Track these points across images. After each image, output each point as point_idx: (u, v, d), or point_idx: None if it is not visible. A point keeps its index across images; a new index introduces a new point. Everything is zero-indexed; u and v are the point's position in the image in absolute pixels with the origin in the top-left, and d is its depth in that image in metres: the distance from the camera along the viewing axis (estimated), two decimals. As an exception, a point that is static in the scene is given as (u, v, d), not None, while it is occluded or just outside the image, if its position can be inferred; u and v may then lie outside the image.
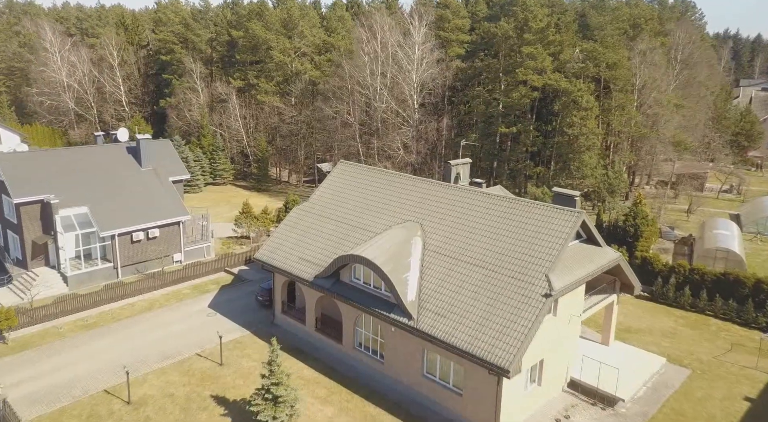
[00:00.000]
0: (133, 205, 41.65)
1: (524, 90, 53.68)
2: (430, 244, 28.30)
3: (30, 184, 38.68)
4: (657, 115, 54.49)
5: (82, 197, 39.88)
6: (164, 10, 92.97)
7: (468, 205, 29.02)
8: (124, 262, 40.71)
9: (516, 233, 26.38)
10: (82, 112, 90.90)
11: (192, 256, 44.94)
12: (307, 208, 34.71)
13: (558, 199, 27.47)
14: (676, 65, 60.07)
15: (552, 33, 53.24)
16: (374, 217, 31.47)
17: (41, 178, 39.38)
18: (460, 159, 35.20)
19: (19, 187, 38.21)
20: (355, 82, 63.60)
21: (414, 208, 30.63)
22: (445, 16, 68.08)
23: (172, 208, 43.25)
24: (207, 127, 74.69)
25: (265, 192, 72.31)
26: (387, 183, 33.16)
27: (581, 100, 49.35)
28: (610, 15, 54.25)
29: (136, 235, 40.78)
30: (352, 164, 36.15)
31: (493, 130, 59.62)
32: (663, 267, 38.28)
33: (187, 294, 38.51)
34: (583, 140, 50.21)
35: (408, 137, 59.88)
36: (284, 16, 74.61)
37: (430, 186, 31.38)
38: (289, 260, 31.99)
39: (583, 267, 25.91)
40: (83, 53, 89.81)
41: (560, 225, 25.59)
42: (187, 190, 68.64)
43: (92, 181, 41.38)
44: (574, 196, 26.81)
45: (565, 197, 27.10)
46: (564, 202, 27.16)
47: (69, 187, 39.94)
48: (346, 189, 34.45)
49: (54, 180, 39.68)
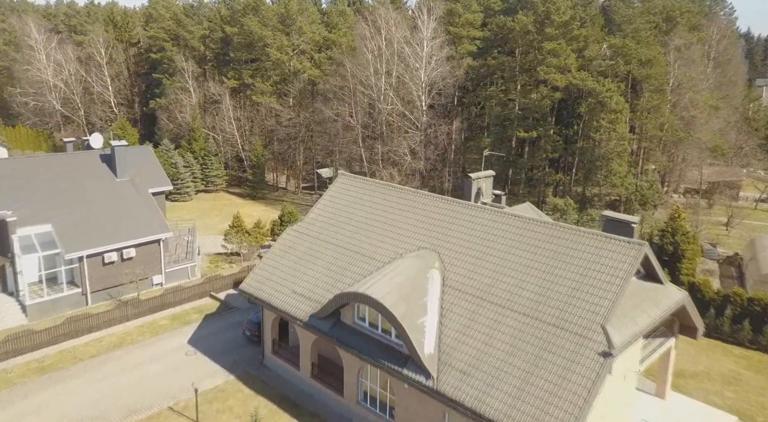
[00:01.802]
0: (106, 222, 36.53)
1: (545, 90, 48.47)
2: (450, 279, 23.14)
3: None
4: (692, 118, 49.24)
5: (46, 213, 34.79)
6: (155, 6, 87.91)
7: (496, 230, 23.84)
8: (95, 287, 35.61)
9: (559, 268, 21.20)
10: (69, 114, 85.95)
11: (174, 278, 39.81)
12: (302, 229, 29.56)
13: (610, 226, 22.26)
14: (709, 63, 54.80)
15: (577, 27, 48.01)
16: (382, 242, 26.33)
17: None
18: (481, 172, 30.01)
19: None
20: (357, 82, 58.46)
21: (429, 232, 25.48)
22: (455, 10, 62.92)
23: (151, 224, 38.15)
24: (199, 129, 69.58)
25: (261, 200, 67.20)
26: (396, 200, 28.01)
27: (610, 102, 44.12)
28: (640, 7, 49.02)
29: (109, 256, 35.67)
30: (355, 177, 30.98)
31: (508, 134, 54.47)
32: (715, 295, 33.06)
33: (165, 326, 33.36)
34: (613, 146, 44.98)
35: (416, 142, 54.72)
36: (281, 11, 69.46)
37: (449, 205, 26.22)
38: (280, 293, 26.85)
39: (644, 312, 20.72)
40: (69, 52, 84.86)
41: (616, 260, 20.40)
42: (176, 199, 63.77)
43: (58, 194, 36.28)
44: (632, 222, 21.61)
45: (619, 224, 21.90)
46: (617, 229, 21.97)
47: (30, 201, 34.87)
48: (347, 206, 29.31)
49: (12, 193, 34.60)
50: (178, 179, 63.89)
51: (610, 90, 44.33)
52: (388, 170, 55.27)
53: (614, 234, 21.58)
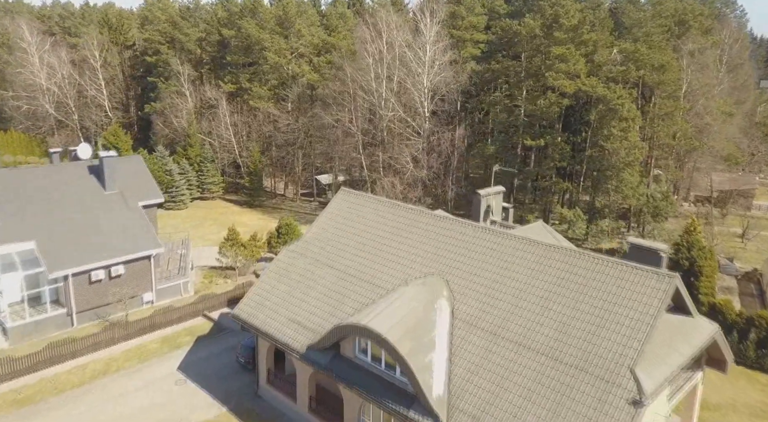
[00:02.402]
0: (93, 238, 34.61)
1: (553, 97, 46.52)
2: (460, 311, 21.25)
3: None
4: (705, 125, 47.34)
5: (29, 229, 32.86)
6: (151, 8, 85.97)
7: (510, 257, 21.94)
8: (81, 307, 33.70)
9: (582, 302, 19.31)
10: (62, 118, 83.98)
11: (166, 295, 37.90)
12: (299, 249, 27.66)
13: (635, 254, 20.37)
14: (721, 67, 52.89)
15: (586, 31, 46.08)
16: (385, 266, 24.43)
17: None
18: (490, 188, 28.12)
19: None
20: (357, 87, 56.56)
21: (437, 257, 23.58)
22: (458, 12, 60.97)
23: (141, 240, 36.23)
24: (194, 135, 67.67)
25: (258, 207, 65.29)
26: (400, 219, 26.11)
27: (622, 109, 42.22)
28: (651, 10, 47.09)
29: (96, 274, 33.75)
30: (356, 193, 29.08)
31: (514, 141, 52.53)
32: (737, 317, 31.18)
33: (154, 350, 31.45)
34: (624, 155, 43.08)
35: (418, 149, 52.81)
36: (280, 14, 67.53)
37: (458, 226, 24.31)
38: (275, 321, 24.95)
39: (675, 350, 18.85)
40: (63, 55, 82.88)
41: (645, 294, 18.52)
42: (171, 207, 61.91)
43: (43, 209, 34.36)
44: (660, 251, 19.72)
45: (646, 252, 20.01)
46: (643, 257, 20.09)
47: (12, 217, 32.97)
48: (348, 225, 27.41)
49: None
50: (173, 186, 62.05)
51: (622, 97, 42.44)
52: (389, 178, 53.41)
53: (640, 262, 19.71)
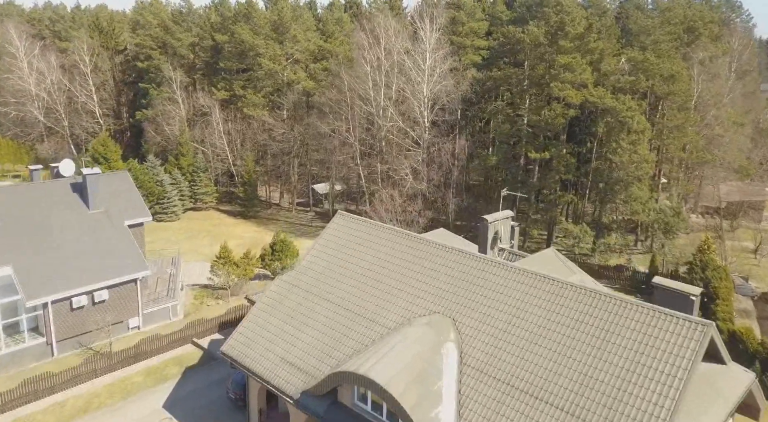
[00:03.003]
0: (75, 261, 32.65)
1: (558, 107, 44.71)
2: (469, 356, 19.38)
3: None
4: (716, 137, 45.63)
5: (5, 254, 30.86)
6: (143, 12, 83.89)
7: (525, 295, 20.07)
8: (62, 336, 31.73)
9: (605, 351, 17.46)
10: (52, 125, 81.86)
11: (153, 320, 35.94)
12: (294, 279, 25.74)
13: (662, 297, 18.55)
14: (730, 75, 51.19)
15: (593, 39, 44.29)
16: (386, 301, 22.56)
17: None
18: (498, 213, 26.24)
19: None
20: (354, 95, 54.70)
21: (442, 292, 21.72)
22: (459, 18, 59.14)
23: (126, 262, 34.27)
24: (187, 144, 65.64)
25: (253, 218, 63.30)
26: (403, 248, 24.22)
27: (632, 122, 40.44)
28: (660, 17, 45.33)
29: (78, 301, 31.78)
30: (354, 218, 27.17)
31: (516, 151, 50.71)
32: (759, 346, 29.37)
33: (138, 384, 29.48)
34: (633, 169, 41.31)
35: (417, 161, 50.94)
36: (275, 19, 65.57)
37: (466, 259, 22.41)
38: (267, 360, 23.04)
39: (710, 408, 17.01)
40: (52, 60, 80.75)
41: (676, 344, 16.67)
42: (162, 219, 59.91)
43: (21, 231, 32.38)
44: (691, 295, 17.86)
45: (675, 295, 18.16)
46: (671, 300, 18.27)
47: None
48: (345, 254, 25.51)
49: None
50: (165, 198, 60.06)
51: (631, 108, 40.65)
52: (387, 190, 51.50)
53: (667, 305, 17.87)
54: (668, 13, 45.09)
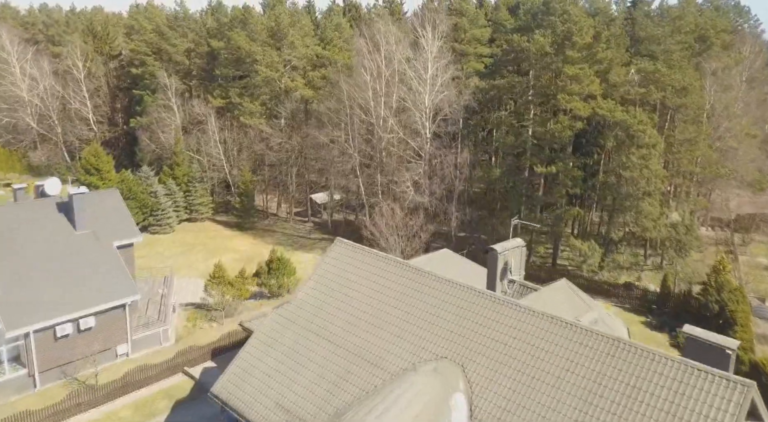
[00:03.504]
0: (60, 286, 30.98)
1: (565, 120, 43.07)
2: (480, 410, 17.72)
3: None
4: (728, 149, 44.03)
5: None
6: (137, 16, 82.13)
7: (542, 341, 18.41)
8: (45, 366, 30.07)
9: (631, 410, 15.79)
10: (45, 132, 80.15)
11: (143, 346, 34.28)
12: (290, 314, 24.06)
13: (693, 348, 16.88)
14: (741, 85, 49.60)
15: (602, 49, 42.68)
16: (388, 342, 20.90)
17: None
18: (508, 242, 24.57)
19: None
20: (354, 103, 53.03)
21: (450, 333, 20.06)
22: (461, 25, 57.47)
23: (115, 286, 32.60)
24: (181, 153, 63.89)
25: (250, 230, 61.60)
26: (407, 283, 22.54)
27: (643, 136, 38.84)
28: (670, 25, 43.71)
29: (62, 329, 30.14)
30: (354, 247, 25.46)
31: (521, 163, 49.05)
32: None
33: (126, 419, 27.81)
34: (644, 184, 39.70)
35: (419, 173, 49.28)
36: (272, 25, 63.85)
37: (476, 298, 20.74)
38: (260, 404, 21.38)
39: (750, 475, 15.37)
40: (45, 65, 79.07)
41: (713, 407, 15.02)
42: (156, 231, 58.26)
43: (2, 254, 30.69)
44: (729, 349, 16.21)
45: (710, 349, 16.50)
46: (703, 353, 16.62)
47: (-34, 267, 29.37)
48: (345, 286, 23.83)
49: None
50: (159, 209, 58.39)
51: (642, 122, 39.04)
52: (388, 202, 49.85)
53: (700, 358, 16.23)
54: (679, 21, 43.48)
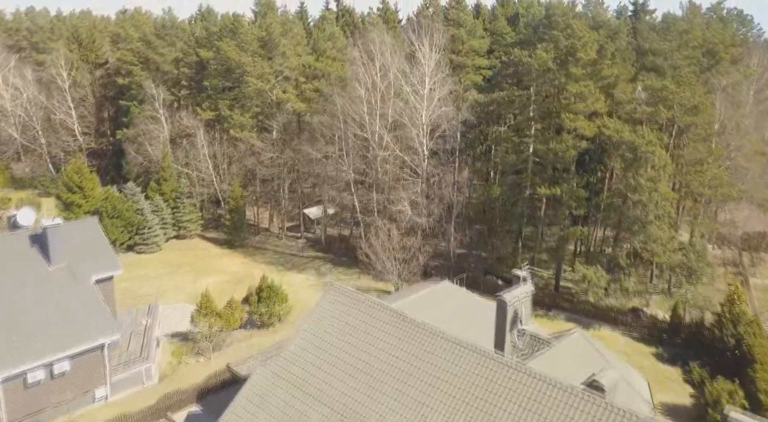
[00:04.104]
0: (31, 328, 28.77)
1: (569, 139, 41.13)
2: None
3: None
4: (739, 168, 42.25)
5: (-51, 325, 27.03)
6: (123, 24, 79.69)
7: (558, 415, 16.42)
8: (14, 416, 27.83)
9: None
10: (29, 143, 77.67)
11: (124, 387, 32.08)
12: (281, 370, 21.97)
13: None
14: (749, 99, 47.86)
15: (607, 65, 40.79)
16: (388, 409, 18.88)
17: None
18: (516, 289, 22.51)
19: None
20: (348, 118, 50.93)
21: (455, 401, 18.06)
22: (458, 36, 55.46)
23: (92, 325, 30.39)
24: (169, 167, 61.56)
25: (240, 248, 59.32)
26: (407, 338, 20.51)
27: (652, 157, 36.97)
28: (677, 40, 41.85)
29: (34, 376, 27.93)
30: (349, 295, 23.36)
31: (523, 181, 47.09)
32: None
33: (101, 479, 25.66)
34: (653, 208, 37.83)
35: (416, 193, 47.24)
36: (262, 34, 61.59)
37: (483, 362, 18.73)
38: (246, 478, 19.32)
39: None
40: (28, 74, 76.60)
41: None
42: (142, 250, 56.04)
43: (-31, 295, 28.50)
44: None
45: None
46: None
47: (-72, 310, 27.11)
48: (340, 340, 21.78)
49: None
50: (145, 228, 56.09)
51: (651, 143, 37.16)
52: (384, 222, 47.79)
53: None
54: (686, 35, 41.65)
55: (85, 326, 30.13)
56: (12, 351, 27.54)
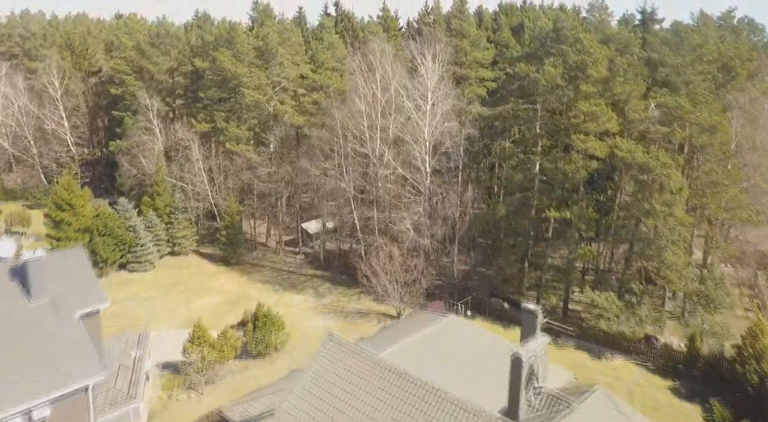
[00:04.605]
0: (8, 371, 26.72)
1: (579, 159, 39.27)
2: None
3: None
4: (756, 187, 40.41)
5: None
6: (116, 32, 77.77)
7: None
8: (-10, 468, 25.95)
9: None
10: (20, 154, 75.93)
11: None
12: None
13: None
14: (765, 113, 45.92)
15: (620, 82, 38.93)
16: (392, 485, 17.03)
17: None
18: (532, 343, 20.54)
19: None
20: (348, 133, 49.10)
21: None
22: (461, 47, 53.57)
23: (75, 366, 28.35)
24: (163, 181, 59.70)
25: (236, 265, 57.46)
26: (411, 402, 18.66)
27: (668, 181, 35.13)
28: (691, 54, 39.97)
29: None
30: (348, 350, 21.48)
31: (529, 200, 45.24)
32: None
33: None
34: (667, 233, 35.99)
35: (418, 213, 45.40)
36: (259, 44, 59.70)
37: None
38: None
39: None
40: (20, 82, 74.80)
41: None
42: (135, 269, 54.34)
43: (-59, 337, 26.59)
44: None
45: None
46: None
47: None
48: (338, 398, 19.92)
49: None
50: (138, 245, 54.25)
51: (666, 165, 35.28)
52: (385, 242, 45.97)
53: None
54: (700, 50, 39.76)
55: (68, 367, 28.15)
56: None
